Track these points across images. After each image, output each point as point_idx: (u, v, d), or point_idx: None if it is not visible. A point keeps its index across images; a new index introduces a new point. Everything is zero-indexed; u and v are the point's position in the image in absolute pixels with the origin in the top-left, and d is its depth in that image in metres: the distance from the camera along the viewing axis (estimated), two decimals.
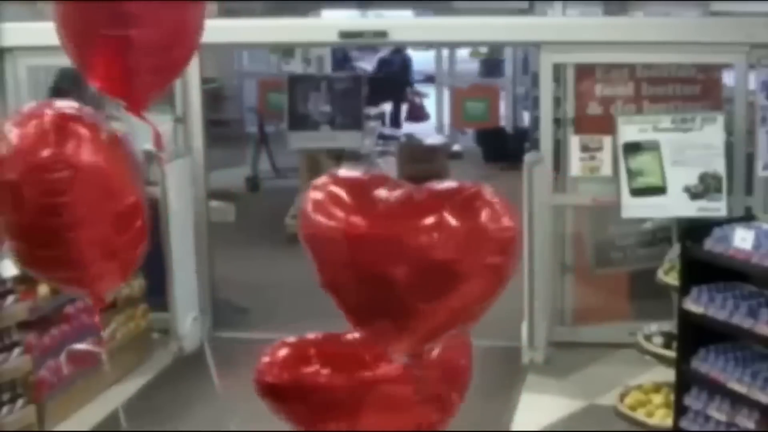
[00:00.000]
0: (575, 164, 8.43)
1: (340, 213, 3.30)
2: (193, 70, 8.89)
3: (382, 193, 3.30)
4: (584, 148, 8.39)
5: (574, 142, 8.45)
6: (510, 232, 3.23)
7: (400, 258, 3.20)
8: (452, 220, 3.18)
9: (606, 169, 8.34)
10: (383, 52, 19.20)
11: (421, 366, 3.45)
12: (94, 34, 3.37)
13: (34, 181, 3.39)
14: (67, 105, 3.59)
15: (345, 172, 3.52)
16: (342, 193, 3.34)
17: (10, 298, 6.52)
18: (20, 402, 6.55)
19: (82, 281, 3.60)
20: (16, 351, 6.54)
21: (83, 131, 3.48)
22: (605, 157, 8.32)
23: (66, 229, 3.42)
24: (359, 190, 3.35)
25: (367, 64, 19.88)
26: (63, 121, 3.47)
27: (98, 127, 3.52)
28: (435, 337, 3.41)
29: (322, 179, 3.45)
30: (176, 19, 3.44)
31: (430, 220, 3.18)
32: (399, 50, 18.49)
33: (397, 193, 3.30)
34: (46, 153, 3.39)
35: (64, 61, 3.54)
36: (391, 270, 3.21)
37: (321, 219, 3.33)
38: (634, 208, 8.01)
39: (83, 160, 3.43)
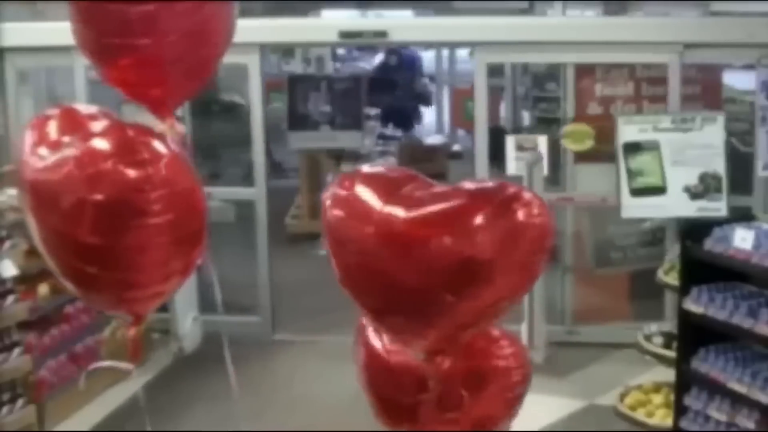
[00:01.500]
0: (511, 163, 8.50)
1: (371, 211, 3.25)
2: (253, 65, 9.04)
3: (411, 191, 3.26)
4: (519, 148, 8.43)
5: (510, 141, 8.51)
6: (544, 230, 3.22)
7: (429, 257, 3.17)
8: (488, 220, 3.15)
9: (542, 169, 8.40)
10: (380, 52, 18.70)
11: (437, 364, 3.44)
12: (118, 42, 3.21)
13: (120, 202, 3.08)
14: (92, 109, 3.36)
15: (370, 168, 3.48)
16: (372, 190, 3.29)
17: (10, 298, 6.52)
18: (20, 402, 6.55)
19: (129, 303, 3.35)
20: (16, 351, 6.54)
21: (165, 149, 3.20)
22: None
23: (137, 251, 3.15)
24: (389, 188, 3.29)
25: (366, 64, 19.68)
26: (145, 137, 3.20)
27: (170, 143, 3.27)
28: (459, 334, 3.39)
29: (343, 176, 3.40)
30: (198, 21, 3.30)
31: (464, 220, 3.15)
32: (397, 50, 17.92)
33: (427, 192, 3.27)
34: (139, 173, 3.09)
35: (64, 61, 3.52)
36: (421, 269, 3.18)
37: (348, 216, 3.30)
38: (634, 208, 8.01)
39: (173, 181, 3.17)
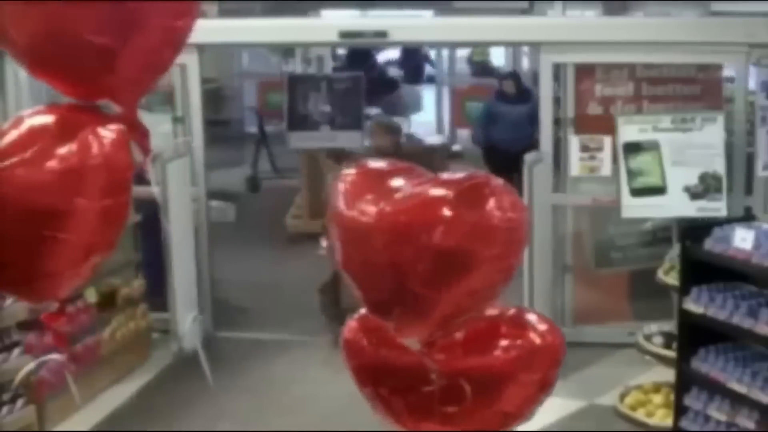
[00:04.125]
0: (575, 164, 8.43)
1: (358, 202, 3.39)
2: (193, 70, 8.88)
3: (398, 183, 3.39)
4: (584, 148, 8.38)
5: (574, 142, 8.44)
6: (516, 222, 3.31)
7: (410, 246, 3.26)
8: (461, 210, 3.25)
9: (606, 169, 8.34)
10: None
11: (433, 353, 3.49)
12: (87, 41, 3.20)
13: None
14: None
15: (371, 162, 3.64)
16: (362, 182, 3.45)
17: (10, 298, 6.52)
18: (20, 402, 6.55)
19: (51, 278, 3.34)
20: (16, 351, 6.54)
21: (94, 120, 3.33)
22: (605, 157, 8.32)
23: (96, 214, 3.24)
24: (379, 180, 3.43)
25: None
26: (72, 113, 3.34)
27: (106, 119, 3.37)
28: (447, 324, 3.46)
29: (350, 169, 3.55)
30: (169, 25, 3.33)
31: (440, 210, 3.25)
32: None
33: (412, 183, 3.38)
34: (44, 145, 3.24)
35: None
36: (402, 258, 3.27)
37: (342, 207, 3.45)
38: (634, 208, 8.00)
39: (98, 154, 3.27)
